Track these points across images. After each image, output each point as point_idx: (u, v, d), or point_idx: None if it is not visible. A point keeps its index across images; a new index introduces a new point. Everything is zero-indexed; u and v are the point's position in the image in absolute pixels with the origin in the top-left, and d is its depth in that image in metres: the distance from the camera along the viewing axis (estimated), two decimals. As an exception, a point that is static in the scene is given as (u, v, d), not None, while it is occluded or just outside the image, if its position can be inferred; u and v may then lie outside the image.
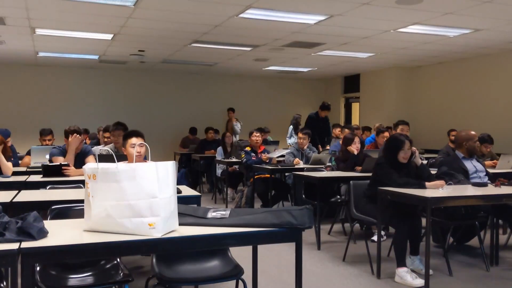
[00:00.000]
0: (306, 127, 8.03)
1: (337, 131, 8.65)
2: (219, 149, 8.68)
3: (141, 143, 3.80)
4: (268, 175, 6.48)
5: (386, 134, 7.07)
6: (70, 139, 4.80)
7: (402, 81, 11.38)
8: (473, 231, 4.74)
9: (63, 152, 4.83)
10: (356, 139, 5.81)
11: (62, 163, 4.55)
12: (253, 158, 7.05)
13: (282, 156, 7.17)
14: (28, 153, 5.75)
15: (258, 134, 7.31)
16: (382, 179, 4.14)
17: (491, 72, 9.39)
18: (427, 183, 3.98)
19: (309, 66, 11.26)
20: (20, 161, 5.89)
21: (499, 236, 4.60)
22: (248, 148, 7.25)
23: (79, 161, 4.76)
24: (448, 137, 8.12)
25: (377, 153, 6.28)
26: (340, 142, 6.89)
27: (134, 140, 3.82)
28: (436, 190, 3.91)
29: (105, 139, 5.79)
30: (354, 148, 5.77)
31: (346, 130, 6.68)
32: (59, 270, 2.72)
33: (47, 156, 4.96)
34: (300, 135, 7.03)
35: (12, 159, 5.66)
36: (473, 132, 4.71)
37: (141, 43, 8.53)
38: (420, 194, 3.70)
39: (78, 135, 4.79)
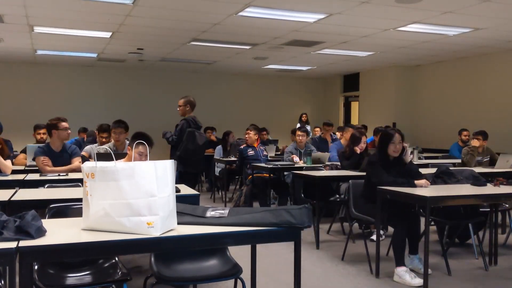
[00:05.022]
0: None
1: (339, 134, 8.52)
2: (219, 148, 8.63)
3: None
4: (267, 174, 6.47)
5: None
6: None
7: (401, 80, 11.38)
8: (472, 230, 4.75)
9: (45, 151, 4.75)
10: (363, 139, 5.82)
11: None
12: (249, 153, 7.06)
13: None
14: (24, 152, 5.71)
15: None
16: (371, 177, 4.15)
17: (491, 71, 9.39)
18: (416, 181, 3.98)
19: (308, 64, 11.25)
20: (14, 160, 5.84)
21: (498, 235, 4.60)
22: (244, 145, 7.25)
23: (63, 161, 4.74)
24: (459, 136, 8.12)
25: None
26: (342, 142, 6.90)
27: (143, 150, 3.72)
28: (436, 189, 3.91)
29: (103, 139, 5.72)
30: (359, 148, 5.77)
31: (350, 129, 6.68)
32: (57, 269, 2.72)
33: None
34: (298, 132, 7.03)
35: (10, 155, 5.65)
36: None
37: (139, 41, 8.51)
38: (420, 194, 3.70)
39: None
